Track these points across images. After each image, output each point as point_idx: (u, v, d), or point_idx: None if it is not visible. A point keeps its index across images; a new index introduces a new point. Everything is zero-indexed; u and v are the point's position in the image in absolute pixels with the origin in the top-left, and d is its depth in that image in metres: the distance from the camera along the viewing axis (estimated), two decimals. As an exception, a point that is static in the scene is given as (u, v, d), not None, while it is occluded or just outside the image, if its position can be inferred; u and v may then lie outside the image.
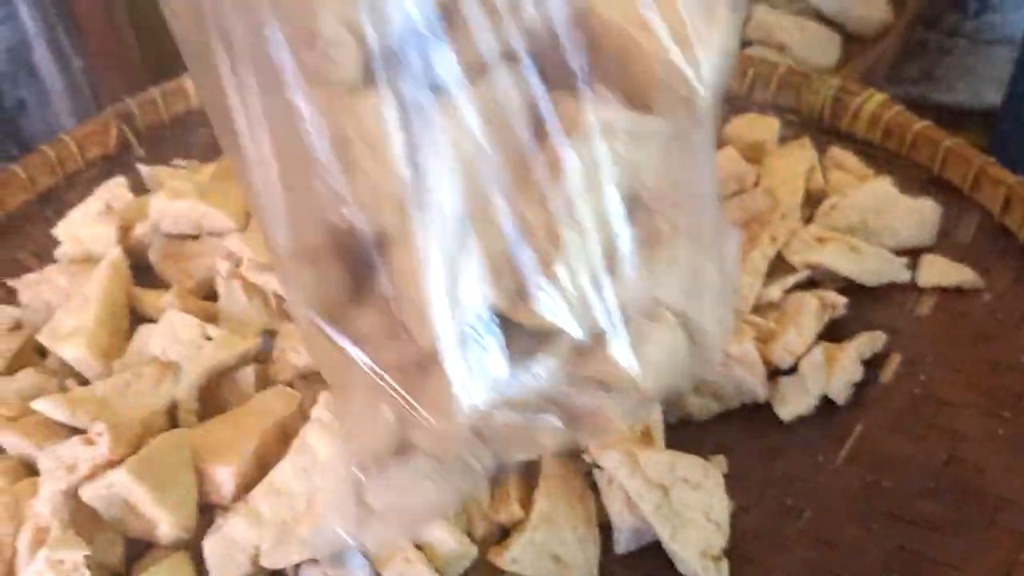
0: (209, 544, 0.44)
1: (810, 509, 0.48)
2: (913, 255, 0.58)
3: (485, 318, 0.33)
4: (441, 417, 0.33)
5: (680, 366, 0.37)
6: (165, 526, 0.44)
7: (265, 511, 0.45)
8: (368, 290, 0.33)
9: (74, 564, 0.42)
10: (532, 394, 0.34)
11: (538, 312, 0.33)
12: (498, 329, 0.33)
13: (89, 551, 0.43)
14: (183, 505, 0.45)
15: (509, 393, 0.34)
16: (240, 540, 0.44)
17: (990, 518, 0.47)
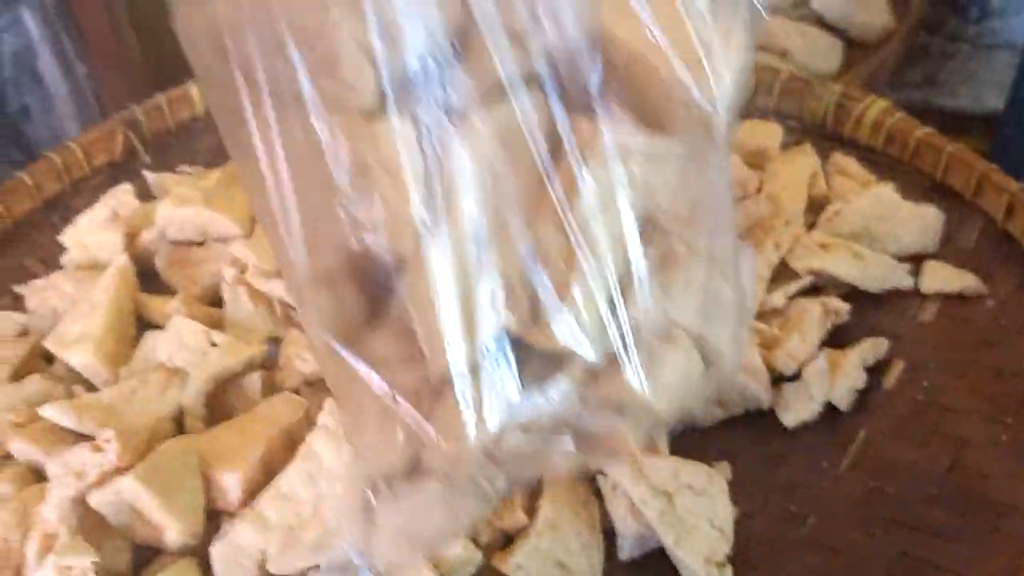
0: (216, 550, 0.45)
1: (814, 515, 0.48)
2: (916, 261, 0.58)
3: (499, 341, 0.33)
4: (453, 440, 0.33)
5: (694, 388, 0.37)
6: (172, 532, 0.44)
7: (272, 517, 0.45)
8: (384, 314, 0.33)
9: (82, 570, 0.43)
10: (545, 417, 0.34)
11: (552, 335, 0.33)
12: (512, 352, 0.33)
13: (97, 557, 0.43)
14: (190, 511, 0.45)
15: (522, 416, 0.33)
16: (247, 546, 0.44)
17: (993, 524, 0.47)
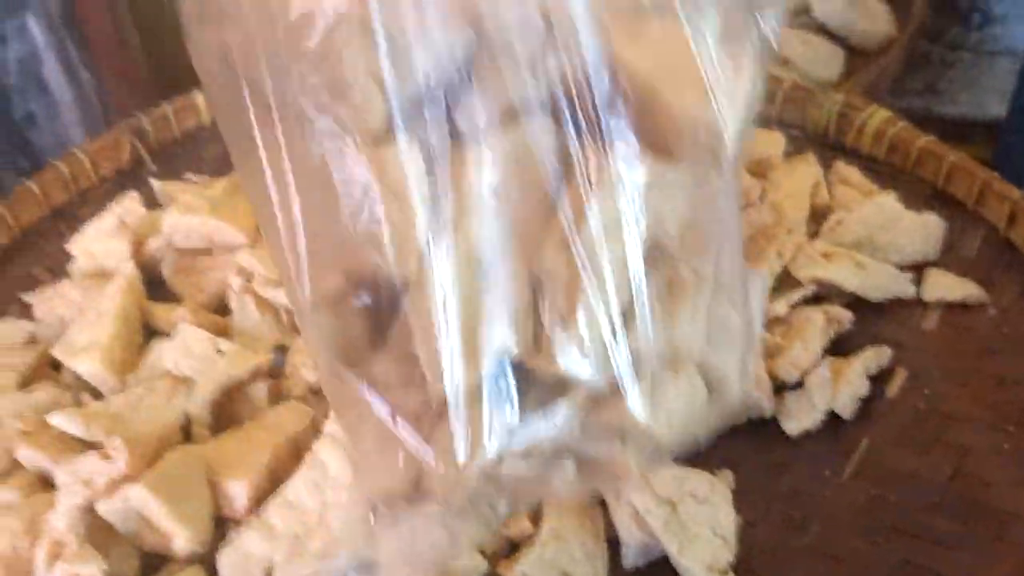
0: (223, 557, 0.45)
1: (817, 524, 0.48)
2: (918, 270, 0.59)
3: (501, 365, 0.32)
4: (453, 464, 0.33)
5: (698, 416, 0.36)
6: (181, 540, 0.45)
7: (278, 525, 0.45)
8: (387, 336, 0.33)
9: (90, 577, 0.43)
10: (547, 442, 0.34)
11: (555, 361, 0.33)
12: (514, 377, 0.33)
13: (105, 565, 0.43)
14: (198, 519, 0.45)
15: (524, 441, 0.33)
16: (254, 554, 0.44)
17: (996, 532, 0.47)
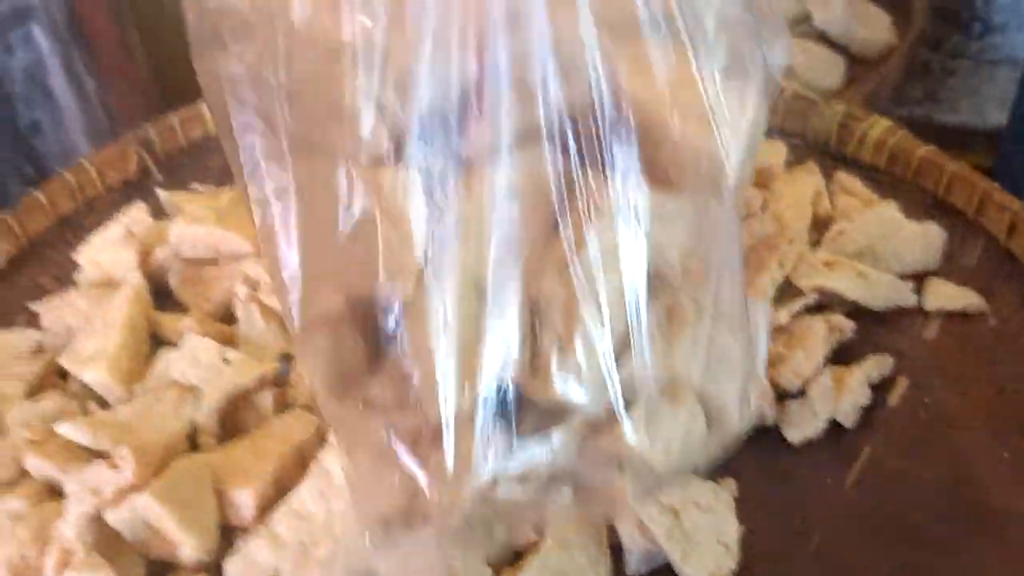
0: (230, 566, 0.45)
1: (819, 531, 0.48)
2: (919, 279, 0.59)
3: (498, 390, 0.33)
4: (448, 487, 0.33)
5: (696, 445, 0.36)
6: (188, 548, 0.45)
7: (284, 534, 0.45)
8: (384, 358, 0.34)
9: (98, 585, 0.43)
10: (543, 467, 0.34)
11: (552, 387, 0.33)
12: (511, 402, 0.33)
13: (113, 573, 0.44)
14: (205, 528, 0.46)
15: (519, 466, 0.34)
16: (261, 562, 0.45)
17: (997, 539, 0.47)
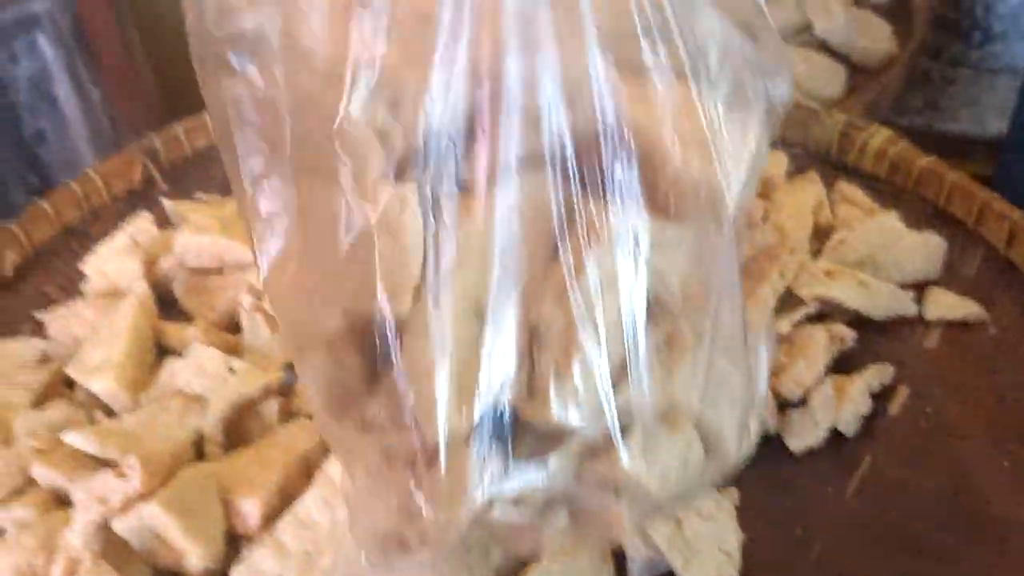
0: (235, 574, 0.45)
1: (820, 540, 0.48)
2: (919, 289, 0.59)
3: (495, 413, 0.33)
4: (443, 509, 0.33)
5: (693, 473, 0.36)
6: (194, 557, 0.45)
7: (289, 543, 0.46)
8: (382, 378, 0.34)
9: (105, 594, 0.44)
10: (540, 491, 0.34)
11: (549, 411, 0.33)
12: (508, 424, 0.33)
13: (120, 581, 0.44)
14: (211, 536, 0.46)
15: (516, 488, 0.34)
16: (266, 571, 0.45)
17: (998, 548, 0.47)
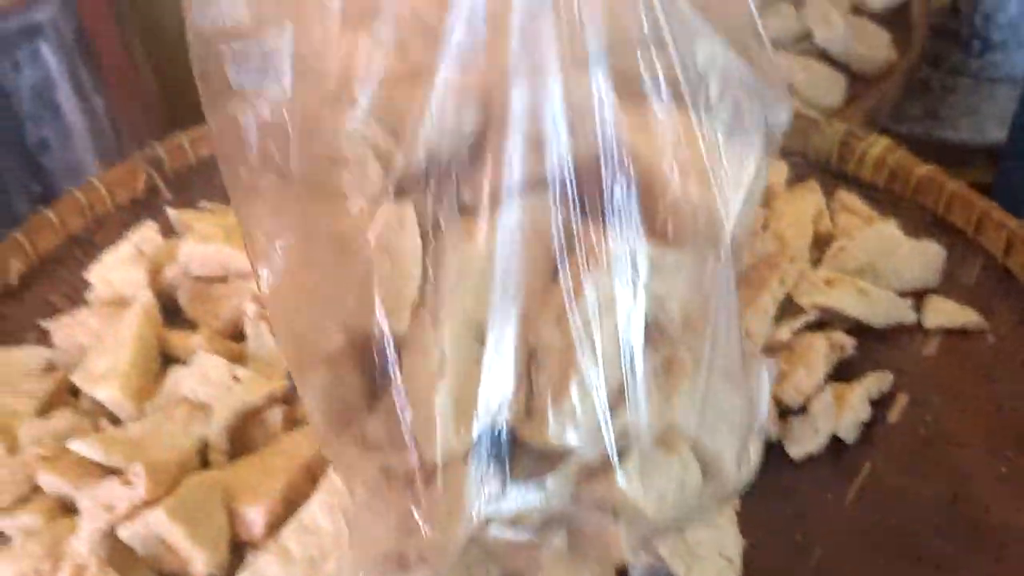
0: (241, 581, 0.46)
1: (820, 546, 0.49)
2: (918, 297, 0.60)
3: (493, 433, 0.33)
4: (441, 527, 0.33)
5: (690, 497, 0.37)
6: (199, 564, 0.46)
7: (294, 549, 0.46)
8: (381, 396, 0.34)
9: (111, 600, 0.44)
10: (537, 511, 0.34)
11: (546, 432, 0.33)
12: (506, 444, 0.33)
13: (125, 588, 0.45)
14: (216, 543, 0.46)
15: (513, 508, 0.34)
16: (271, 577, 0.46)
17: (996, 554, 0.48)
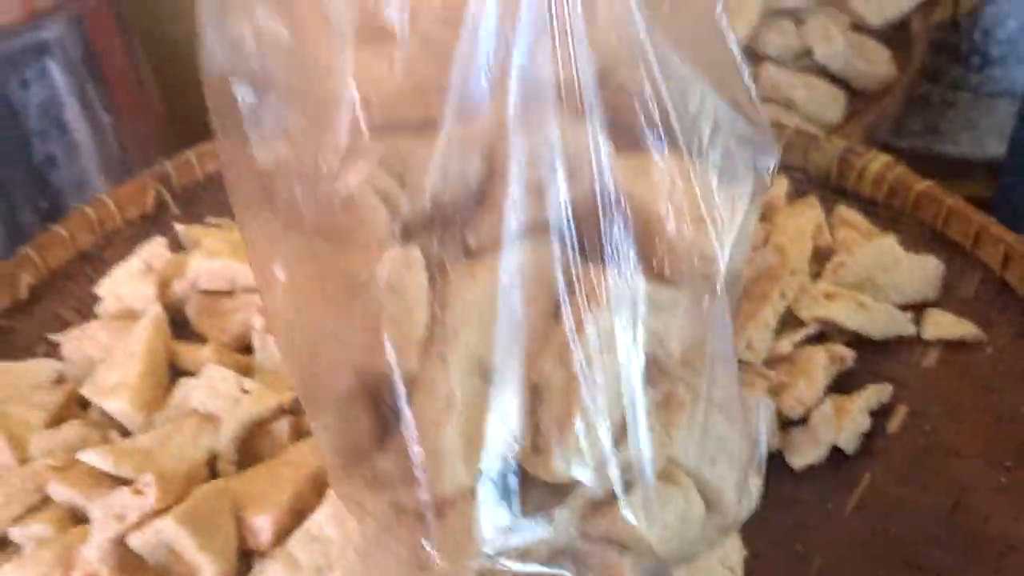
0: (249, 590, 0.47)
1: (820, 556, 0.49)
2: (918, 310, 0.60)
3: (501, 468, 0.34)
4: (451, 559, 0.34)
5: (693, 529, 0.37)
6: (208, 572, 0.46)
7: (301, 558, 0.47)
8: (391, 431, 0.35)
9: (121, 608, 0.45)
10: (544, 545, 0.35)
11: (553, 467, 0.34)
12: (514, 478, 0.34)
13: (135, 596, 0.45)
14: (224, 552, 0.47)
15: (521, 542, 0.34)
16: (279, 586, 0.46)
17: (994, 565, 0.48)
